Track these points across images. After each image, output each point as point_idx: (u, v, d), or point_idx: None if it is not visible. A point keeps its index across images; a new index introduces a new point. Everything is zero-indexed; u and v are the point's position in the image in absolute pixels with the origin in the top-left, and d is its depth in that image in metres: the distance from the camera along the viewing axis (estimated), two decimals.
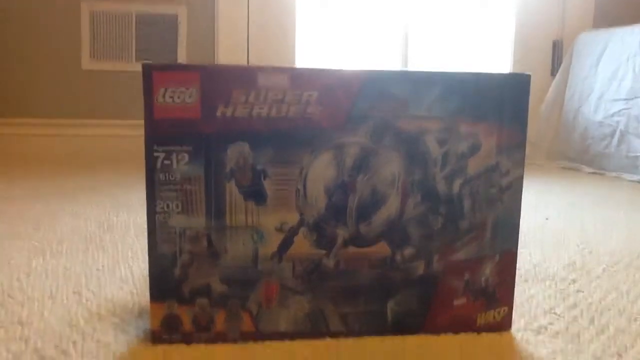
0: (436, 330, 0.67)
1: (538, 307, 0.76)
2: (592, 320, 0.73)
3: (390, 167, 0.64)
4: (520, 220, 0.68)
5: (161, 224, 0.62)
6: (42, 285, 0.82)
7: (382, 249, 0.65)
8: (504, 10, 2.69)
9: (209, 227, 0.63)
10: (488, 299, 0.68)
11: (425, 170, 0.64)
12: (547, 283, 0.86)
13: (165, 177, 0.61)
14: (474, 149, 0.65)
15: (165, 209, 0.62)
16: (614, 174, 2.13)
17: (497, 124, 0.65)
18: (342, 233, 0.64)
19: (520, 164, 0.67)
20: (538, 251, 1.04)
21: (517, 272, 0.72)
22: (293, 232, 0.63)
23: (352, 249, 0.64)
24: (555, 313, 0.75)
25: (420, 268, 0.66)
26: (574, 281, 0.88)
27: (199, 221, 0.62)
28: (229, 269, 0.63)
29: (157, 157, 0.61)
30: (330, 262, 0.64)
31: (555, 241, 1.12)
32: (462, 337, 0.67)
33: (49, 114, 2.40)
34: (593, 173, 2.19)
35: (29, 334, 0.67)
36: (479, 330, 0.68)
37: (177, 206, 0.62)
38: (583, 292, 0.83)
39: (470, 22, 2.69)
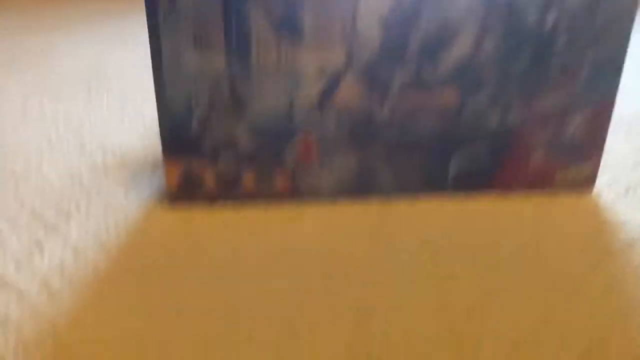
0: (506, 189, 0.56)
1: (626, 166, 0.65)
2: None
3: None
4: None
5: (170, 64, 0.49)
6: (39, 132, 0.71)
7: (449, 95, 0.52)
8: None
9: (230, 68, 0.49)
10: (572, 154, 0.56)
11: None
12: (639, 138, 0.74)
13: (172, 1, 0.47)
14: None
15: (174, 43, 0.48)
16: None
17: None
18: (400, 76, 0.50)
19: None
20: (635, 99, 0.89)
21: None
22: (338, 75, 0.50)
23: (411, 96, 0.51)
24: None
25: (494, 118, 0.53)
26: None
27: (217, 60, 0.49)
28: (258, 120, 0.51)
29: None
30: (383, 112, 0.52)
31: None
32: (536, 197, 0.57)
33: None
34: None
35: (25, 192, 0.57)
36: (556, 189, 0.57)
37: (188, 40, 0.48)
38: None
39: None
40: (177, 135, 0.52)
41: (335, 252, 0.48)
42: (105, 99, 0.82)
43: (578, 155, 0.56)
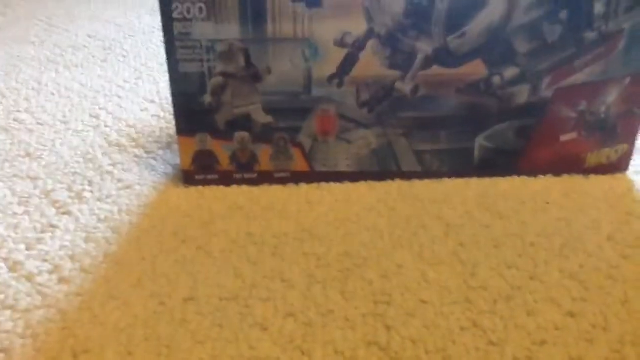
0: (534, 171, 0.54)
1: None
2: None
3: None
4: None
5: (181, 36, 0.46)
6: (53, 106, 0.69)
7: (476, 69, 0.49)
8: None
9: (245, 40, 0.47)
10: (606, 134, 0.53)
11: None
12: None
13: None
14: None
15: (186, 14, 0.46)
16: None
17: None
18: (424, 48, 0.47)
19: None
20: None
21: None
22: (358, 46, 0.47)
23: (436, 70, 0.48)
24: None
25: (523, 94, 0.50)
26: None
27: (231, 31, 0.47)
28: (274, 95, 0.49)
29: None
30: (406, 87, 0.49)
31: None
32: (566, 179, 0.54)
33: None
34: None
35: (38, 171, 0.56)
36: (587, 172, 0.54)
37: (200, 10, 0.46)
38: None
39: None
40: (191, 110, 0.49)
41: (353, 235, 0.46)
42: (121, 70, 0.80)
43: (612, 134, 0.53)
